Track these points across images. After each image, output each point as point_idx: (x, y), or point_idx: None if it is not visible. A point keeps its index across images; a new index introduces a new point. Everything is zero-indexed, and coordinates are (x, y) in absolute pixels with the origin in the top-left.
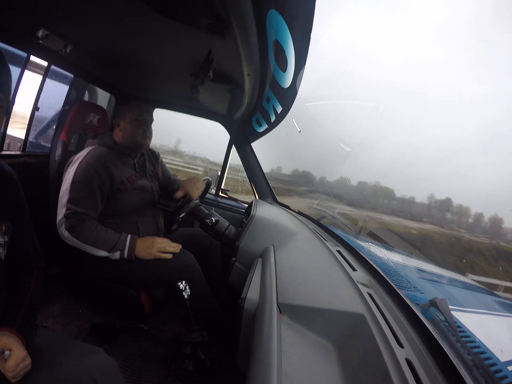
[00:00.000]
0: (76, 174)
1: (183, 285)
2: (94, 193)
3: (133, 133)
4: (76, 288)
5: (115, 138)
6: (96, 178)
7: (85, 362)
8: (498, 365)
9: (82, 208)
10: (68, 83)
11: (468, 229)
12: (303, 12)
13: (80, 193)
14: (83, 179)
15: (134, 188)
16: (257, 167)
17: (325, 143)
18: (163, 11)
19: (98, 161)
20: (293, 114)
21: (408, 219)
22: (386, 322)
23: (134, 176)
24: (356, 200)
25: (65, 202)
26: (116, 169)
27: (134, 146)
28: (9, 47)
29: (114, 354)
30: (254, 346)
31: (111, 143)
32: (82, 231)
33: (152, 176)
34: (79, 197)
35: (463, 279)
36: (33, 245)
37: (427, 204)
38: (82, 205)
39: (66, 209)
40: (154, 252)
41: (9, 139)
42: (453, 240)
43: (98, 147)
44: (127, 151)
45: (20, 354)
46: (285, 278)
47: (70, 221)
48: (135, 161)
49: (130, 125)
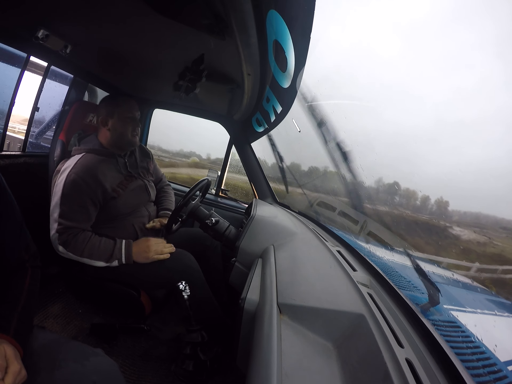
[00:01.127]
0: (65, 187)
1: (183, 285)
2: (85, 205)
3: (124, 131)
4: (76, 288)
5: (101, 140)
6: (87, 190)
7: (84, 365)
8: (498, 365)
9: (74, 222)
10: (68, 83)
11: (414, 210)
12: (303, 12)
13: (71, 207)
14: (73, 192)
15: (128, 191)
16: (257, 167)
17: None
18: (163, 11)
19: (87, 172)
20: (293, 114)
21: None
22: (386, 322)
23: (124, 180)
24: (308, 184)
25: (57, 217)
26: (106, 177)
27: (125, 145)
28: (9, 47)
29: (114, 354)
30: (254, 346)
31: (98, 147)
32: (76, 245)
33: (145, 173)
34: (70, 211)
35: (463, 279)
36: (25, 245)
37: (375, 188)
38: (74, 219)
39: (58, 224)
40: (151, 256)
41: (9, 139)
42: (398, 220)
43: (85, 155)
44: (116, 152)
45: (16, 368)
46: (285, 278)
47: (63, 236)
48: (125, 159)
49: (120, 123)
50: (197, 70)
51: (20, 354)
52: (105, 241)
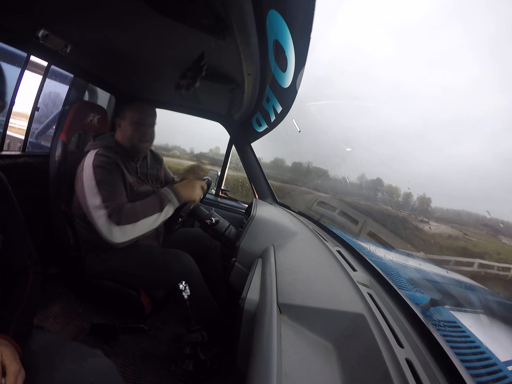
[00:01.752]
0: (96, 175)
1: (183, 286)
2: (118, 184)
3: (132, 135)
4: (76, 288)
5: (117, 139)
6: (116, 170)
7: (82, 366)
8: (498, 365)
9: (116, 199)
10: (68, 83)
11: (396, 206)
12: (303, 12)
13: (109, 189)
14: (105, 175)
15: (136, 194)
16: (257, 167)
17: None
18: (163, 11)
19: (110, 159)
20: (293, 114)
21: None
22: (386, 322)
23: (135, 182)
24: (291, 179)
25: (100, 203)
26: (124, 170)
27: (132, 149)
28: (9, 47)
29: (114, 354)
30: (254, 346)
31: (114, 145)
32: (129, 214)
33: (154, 180)
34: (109, 193)
35: (464, 279)
36: (28, 251)
37: (358, 184)
38: (116, 198)
39: (105, 208)
40: (195, 196)
41: (9, 139)
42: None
43: (102, 150)
44: (130, 155)
45: (15, 368)
46: (285, 278)
47: (114, 216)
48: (137, 165)
49: (129, 127)
50: (197, 67)
51: (19, 354)
52: (147, 198)
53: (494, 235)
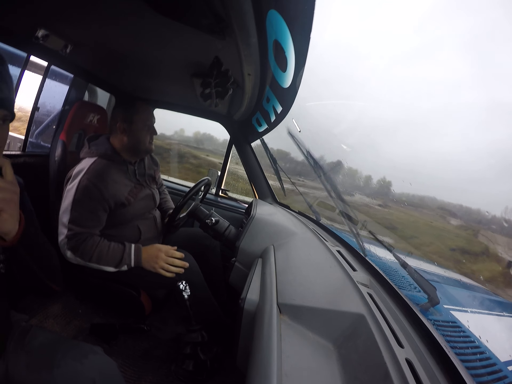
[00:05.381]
0: (77, 192)
1: (183, 285)
2: (96, 212)
3: (143, 138)
4: (76, 288)
5: (114, 144)
6: (99, 197)
7: (83, 363)
8: (498, 365)
9: (84, 228)
10: (68, 83)
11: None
12: (303, 12)
13: (82, 213)
14: (85, 198)
15: (137, 200)
16: (257, 167)
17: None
18: (163, 11)
19: (100, 178)
20: (293, 114)
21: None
22: (386, 322)
23: (134, 188)
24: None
25: (66, 222)
26: (119, 185)
27: (141, 152)
28: (9, 47)
29: (114, 354)
30: (254, 346)
31: (111, 152)
32: (85, 251)
33: (151, 181)
34: (81, 217)
35: (464, 279)
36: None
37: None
38: (84, 225)
39: (68, 230)
40: (157, 268)
41: (9, 139)
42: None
43: (98, 160)
44: (128, 159)
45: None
46: (285, 278)
47: (71, 241)
48: (135, 167)
49: (142, 130)
50: (218, 73)
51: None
52: (114, 246)
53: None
